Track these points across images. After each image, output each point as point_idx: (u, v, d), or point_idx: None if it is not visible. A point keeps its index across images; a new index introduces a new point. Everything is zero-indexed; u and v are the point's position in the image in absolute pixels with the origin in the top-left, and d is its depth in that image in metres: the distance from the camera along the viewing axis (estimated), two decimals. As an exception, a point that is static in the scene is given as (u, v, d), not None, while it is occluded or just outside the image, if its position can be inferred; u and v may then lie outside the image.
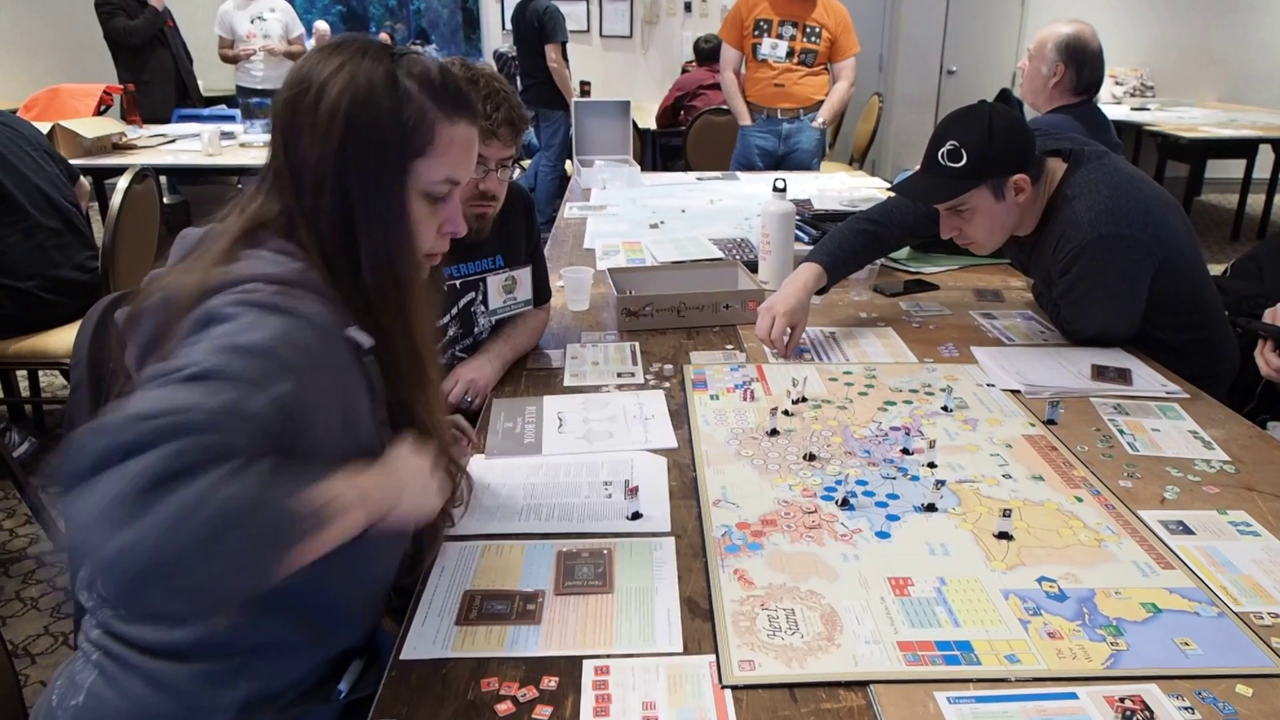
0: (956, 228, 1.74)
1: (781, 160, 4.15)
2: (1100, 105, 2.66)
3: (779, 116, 4.08)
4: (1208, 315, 1.80)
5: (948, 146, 1.63)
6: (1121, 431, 1.45)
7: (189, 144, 4.29)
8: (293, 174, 0.89)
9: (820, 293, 1.89)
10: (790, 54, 3.96)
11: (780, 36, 3.94)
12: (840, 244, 1.92)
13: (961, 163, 1.62)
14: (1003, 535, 1.15)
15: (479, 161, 1.49)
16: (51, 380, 3.47)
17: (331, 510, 0.73)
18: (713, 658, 0.94)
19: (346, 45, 0.90)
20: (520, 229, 1.74)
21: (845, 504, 1.23)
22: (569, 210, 3.03)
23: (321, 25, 6.50)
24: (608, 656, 0.94)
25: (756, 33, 3.97)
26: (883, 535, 1.16)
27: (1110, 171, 1.71)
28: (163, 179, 5.02)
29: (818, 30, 3.94)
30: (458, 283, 1.64)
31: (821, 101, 4.09)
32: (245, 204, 0.93)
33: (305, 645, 0.95)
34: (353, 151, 0.87)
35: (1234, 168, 6.29)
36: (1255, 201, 6.33)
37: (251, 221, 0.90)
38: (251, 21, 5.71)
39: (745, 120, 4.13)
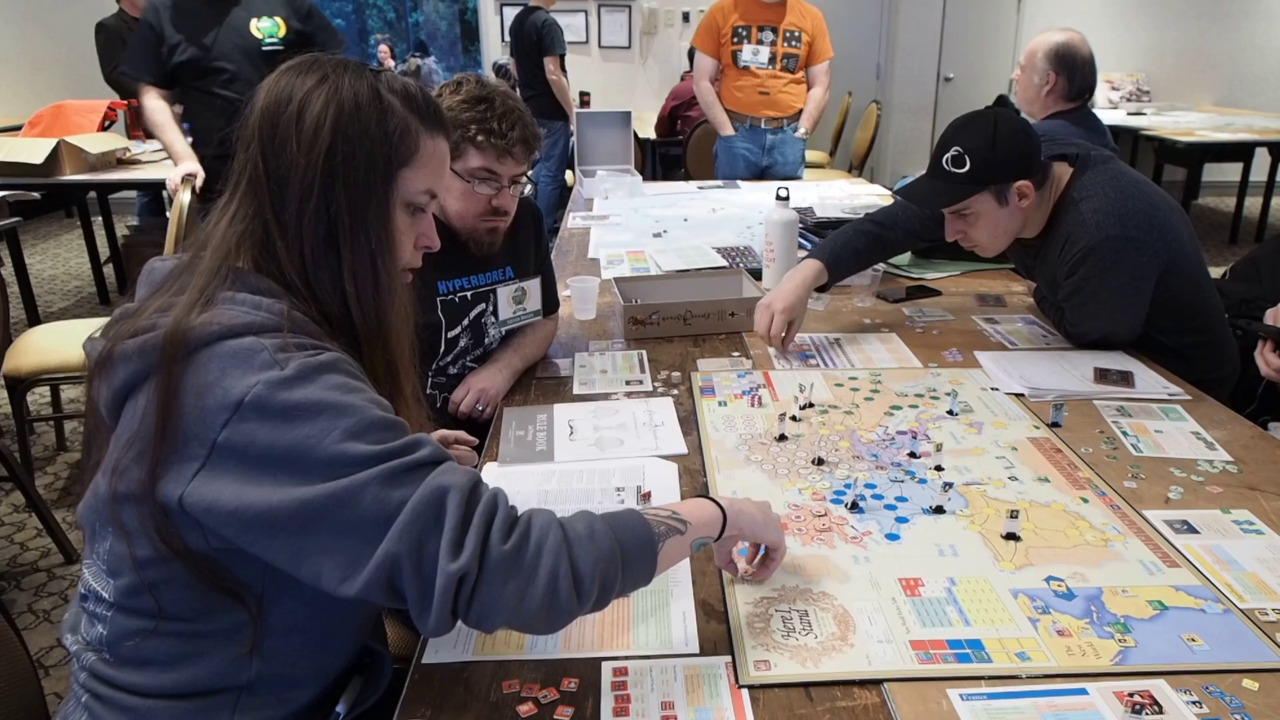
0: (961, 231, 1.76)
1: (765, 171, 4.06)
2: (1096, 110, 2.69)
3: (763, 126, 4.00)
4: (1210, 319, 1.82)
5: (952, 152, 1.66)
6: (1125, 433, 1.47)
7: (193, 158, 4.31)
8: (274, 182, 0.87)
9: (821, 290, 1.90)
10: (772, 59, 3.90)
11: (761, 42, 3.88)
12: (844, 243, 1.95)
13: (965, 168, 1.65)
14: (1010, 536, 1.17)
15: (493, 177, 1.51)
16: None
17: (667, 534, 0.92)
18: (729, 658, 0.96)
19: (323, 62, 0.91)
20: (530, 241, 1.76)
21: (854, 507, 1.25)
22: (573, 220, 3.06)
23: (321, 39, 6.53)
24: (626, 658, 0.96)
25: (735, 40, 3.90)
26: (892, 537, 1.18)
27: (1116, 175, 1.73)
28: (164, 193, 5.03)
29: (797, 34, 3.90)
30: (469, 294, 1.66)
31: (802, 110, 4.02)
32: (213, 227, 0.90)
33: (299, 678, 0.94)
34: (341, 159, 0.87)
35: (1231, 171, 6.33)
36: (1252, 204, 6.37)
37: (225, 250, 0.88)
38: None
39: (727, 130, 4.03)
